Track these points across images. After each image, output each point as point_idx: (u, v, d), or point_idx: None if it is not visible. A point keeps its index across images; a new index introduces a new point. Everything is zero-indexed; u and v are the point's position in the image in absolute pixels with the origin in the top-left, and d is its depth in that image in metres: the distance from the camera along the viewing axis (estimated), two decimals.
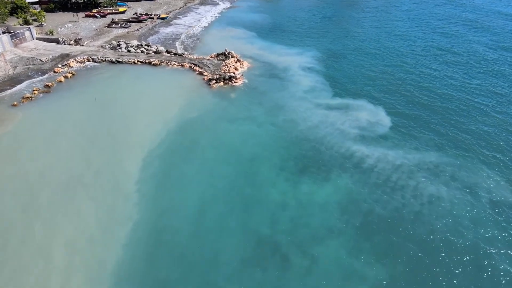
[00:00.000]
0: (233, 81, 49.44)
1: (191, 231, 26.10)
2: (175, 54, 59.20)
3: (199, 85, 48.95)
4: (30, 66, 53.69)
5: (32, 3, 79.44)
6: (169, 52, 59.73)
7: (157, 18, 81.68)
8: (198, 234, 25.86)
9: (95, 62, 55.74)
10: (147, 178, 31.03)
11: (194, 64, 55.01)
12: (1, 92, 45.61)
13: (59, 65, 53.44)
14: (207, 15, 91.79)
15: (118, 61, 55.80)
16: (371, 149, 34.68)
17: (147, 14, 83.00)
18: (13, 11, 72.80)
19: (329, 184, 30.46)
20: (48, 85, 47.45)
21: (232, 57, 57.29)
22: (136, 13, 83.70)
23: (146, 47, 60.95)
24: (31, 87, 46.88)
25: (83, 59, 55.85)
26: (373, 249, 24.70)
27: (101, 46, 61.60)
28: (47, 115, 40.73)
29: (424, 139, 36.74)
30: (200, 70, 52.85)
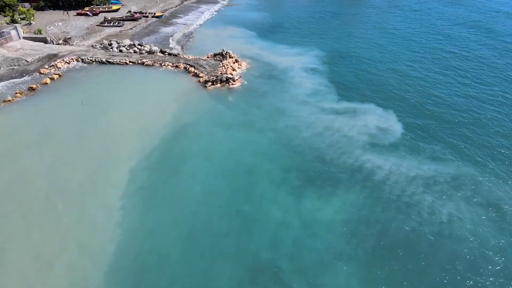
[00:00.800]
0: (230, 82, 46.26)
1: (180, 256, 23.09)
2: (169, 54, 55.97)
3: (194, 88, 45.73)
4: (15, 67, 50.41)
5: (21, 0, 76.09)
6: (163, 52, 56.51)
7: (152, 17, 78.42)
8: (188, 259, 22.86)
9: (84, 63, 52.47)
10: (133, 192, 27.91)
11: (189, 65, 51.78)
12: None
13: (46, 66, 50.15)
14: (205, 13, 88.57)
15: (109, 62, 52.56)
16: (382, 159, 31.48)
17: (141, 13, 79.71)
18: (0, 9, 69.47)
19: (336, 200, 27.28)
20: (32, 87, 44.20)
21: (229, 57, 54.11)
22: (130, 11, 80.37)
23: (139, 46, 57.76)
24: (14, 89, 43.67)
25: (71, 59, 52.60)
26: (388, 278, 21.67)
27: (92, 46, 58.32)
28: (27, 120, 37.47)
29: (439, 147, 33.56)
30: (196, 71, 49.62)
